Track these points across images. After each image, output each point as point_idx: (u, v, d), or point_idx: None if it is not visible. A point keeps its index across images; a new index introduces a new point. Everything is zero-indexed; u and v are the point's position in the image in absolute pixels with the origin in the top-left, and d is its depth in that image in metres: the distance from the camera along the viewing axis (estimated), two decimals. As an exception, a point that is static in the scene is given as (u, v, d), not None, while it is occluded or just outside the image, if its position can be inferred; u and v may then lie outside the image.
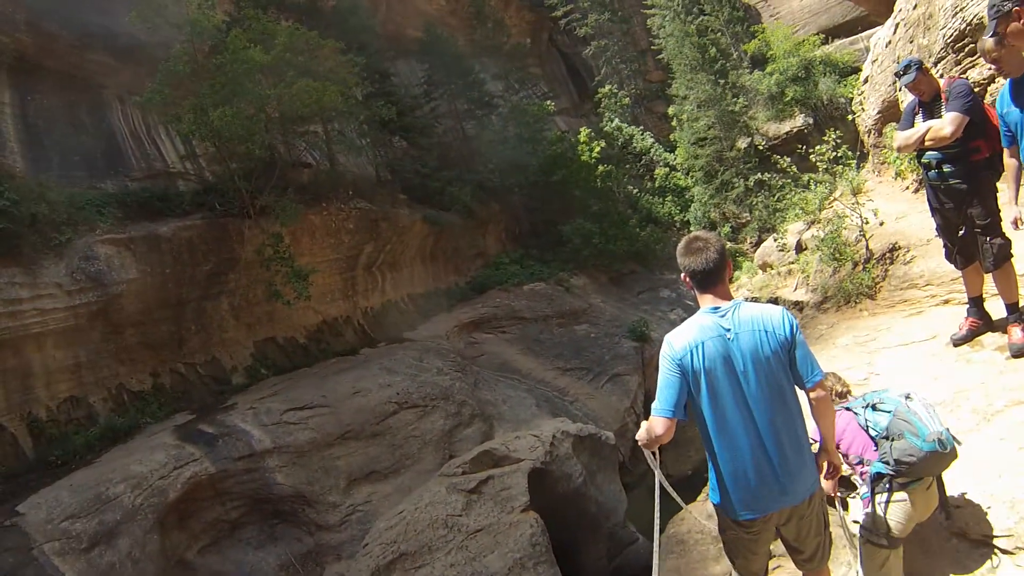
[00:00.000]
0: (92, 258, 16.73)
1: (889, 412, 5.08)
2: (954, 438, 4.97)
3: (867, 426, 5.20)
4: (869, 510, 5.10)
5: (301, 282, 19.99)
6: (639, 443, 4.30)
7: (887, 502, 5.00)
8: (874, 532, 5.04)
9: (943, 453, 4.82)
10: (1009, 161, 6.06)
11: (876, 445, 5.10)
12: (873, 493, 5.03)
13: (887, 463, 4.96)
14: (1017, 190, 6.06)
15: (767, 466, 4.12)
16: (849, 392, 6.07)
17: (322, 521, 15.74)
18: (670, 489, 4.83)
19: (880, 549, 5.02)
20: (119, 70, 20.92)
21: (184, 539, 14.40)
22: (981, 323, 7.54)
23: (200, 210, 20.01)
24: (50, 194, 16.89)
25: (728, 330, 4.15)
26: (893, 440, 4.96)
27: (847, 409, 5.39)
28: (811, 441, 4.70)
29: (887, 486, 4.99)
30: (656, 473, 4.61)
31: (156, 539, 13.35)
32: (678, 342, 4.22)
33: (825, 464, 4.55)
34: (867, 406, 5.28)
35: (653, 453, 4.41)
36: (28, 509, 12.61)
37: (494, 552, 11.65)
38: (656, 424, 4.18)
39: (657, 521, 4.72)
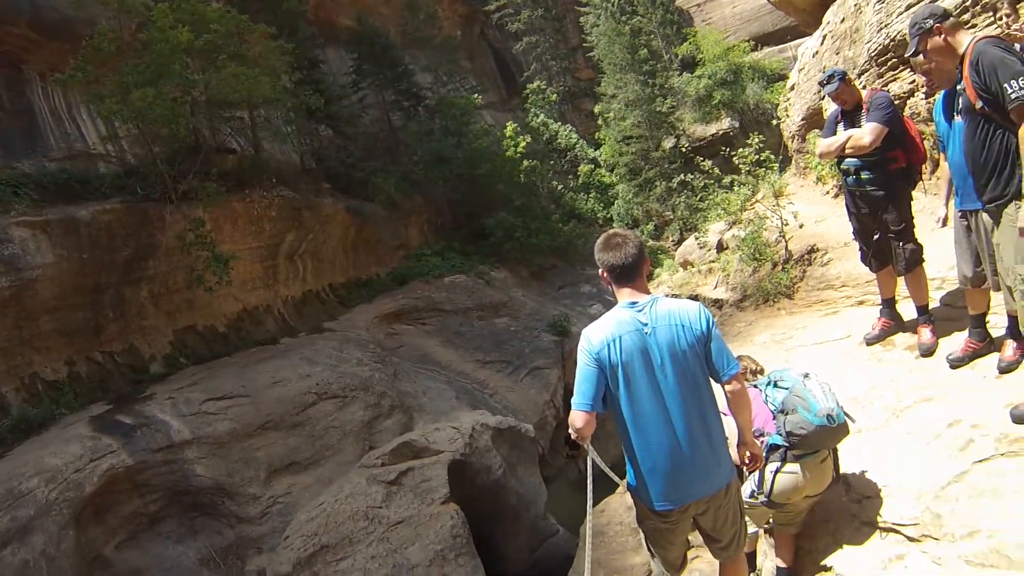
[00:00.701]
0: (6, 241, 16.08)
1: (787, 389, 5.44)
2: (847, 415, 5.38)
3: (767, 401, 5.54)
4: (758, 475, 5.43)
5: (222, 267, 19.66)
6: (572, 437, 4.44)
7: (777, 471, 5.34)
8: (757, 492, 5.44)
9: (832, 427, 5.19)
10: (944, 166, 6.37)
11: (775, 419, 5.44)
12: (767, 462, 5.33)
13: (781, 435, 5.33)
14: (948, 193, 6.47)
15: (683, 458, 4.26)
16: (762, 371, 6.39)
17: (243, 513, 15.59)
18: (607, 469, 4.99)
19: (756, 506, 5.40)
20: (42, 45, 20.19)
21: (101, 534, 14.07)
22: (893, 323, 7.91)
23: (121, 194, 19.48)
24: (-39, 173, 16.38)
25: (645, 324, 4.28)
26: (787, 414, 5.32)
27: (755, 386, 5.68)
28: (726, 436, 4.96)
29: (781, 456, 5.32)
30: (589, 461, 4.77)
31: (72, 535, 13.01)
32: (595, 336, 4.33)
33: (746, 454, 4.74)
34: (770, 383, 5.63)
35: (575, 443, 4.53)
36: (-65, 506, 12.25)
37: (415, 544, 11.70)
38: (576, 418, 4.33)
39: (591, 506, 4.90)
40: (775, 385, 5.59)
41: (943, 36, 5.28)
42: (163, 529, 15.05)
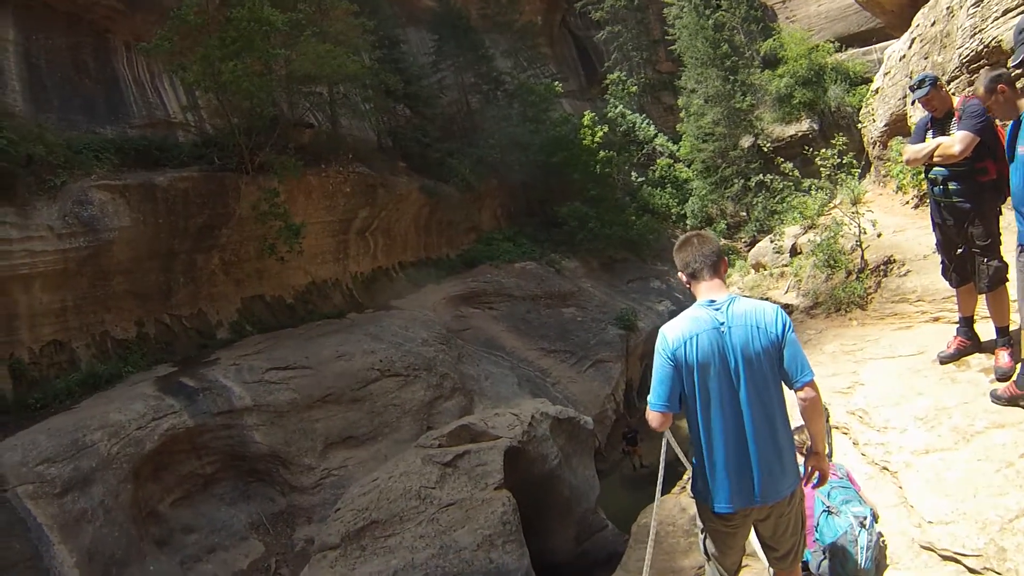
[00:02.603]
0: (86, 203, 16.55)
1: (841, 529, 5.55)
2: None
3: (816, 523, 5.63)
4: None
5: (293, 236, 19.95)
6: (652, 427, 4.38)
7: None
8: None
9: None
10: None
11: (815, 538, 5.58)
12: None
13: (810, 559, 5.53)
14: None
15: (749, 462, 4.16)
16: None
17: (296, 483, 15.83)
18: (681, 454, 4.90)
19: None
20: (127, 16, 20.64)
21: (157, 491, 14.41)
22: (970, 343, 7.53)
23: (198, 162, 19.86)
24: (48, 136, 16.78)
25: (722, 324, 4.17)
26: (828, 557, 5.50)
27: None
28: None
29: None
30: (664, 446, 4.68)
31: (130, 489, 13.37)
32: (672, 334, 4.24)
33: (811, 469, 4.59)
34: (825, 510, 5.69)
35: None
36: (3, 451, 12.60)
37: (464, 527, 11.69)
38: (652, 417, 4.28)
39: (659, 493, 4.82)
40: (829, 513, 5.62)
41: None
42: (217, 491, 15.34)
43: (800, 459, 4.65)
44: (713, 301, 4.26)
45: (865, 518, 5.55)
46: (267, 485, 15.81)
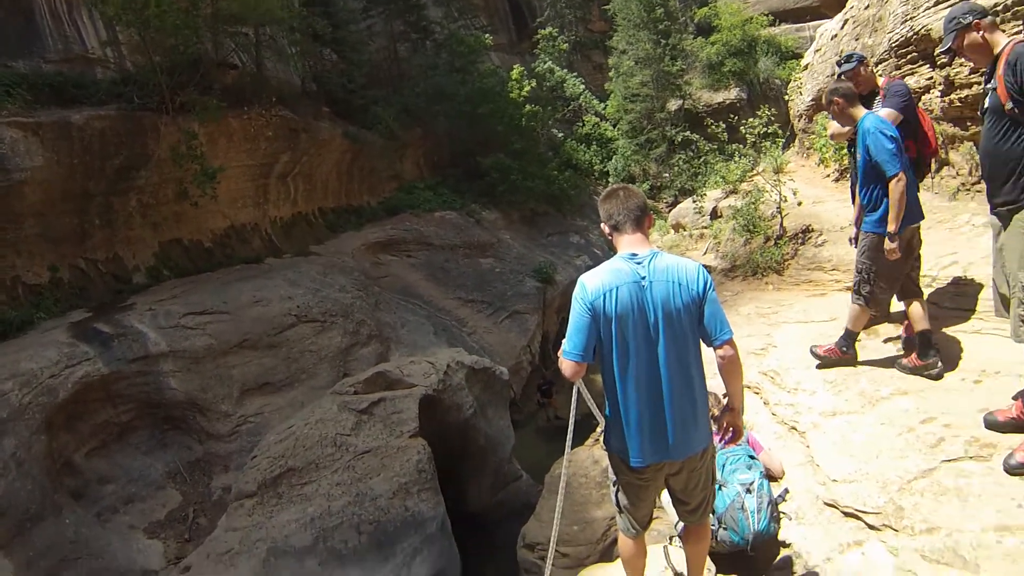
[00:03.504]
0: (-5, 140, 15.97)
1: (729, 498, 5.72)
2: (783, 515, 5.93)
3: None
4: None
5: (208, 181, 19.61)
6: (565, 375, 4.38)
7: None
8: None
9: (746, 549, 5.60)
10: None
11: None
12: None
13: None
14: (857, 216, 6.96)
15: (666, 416, 4.21)
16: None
17: (213, 430, 15.77)
18: (595, 408, 5.00)
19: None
20: (48, -59, 19.88)
21: (72, 441, 14.09)
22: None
23: (117, 101, 19.12)
24: (-48, 68, 16.06)
25: (643, 278, 4.17)
26: (720, 525, 5.68)
27: None
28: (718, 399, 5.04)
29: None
30: (574, 395, 4.81)
31: (43, 440, 13.00)
32: (592, 284, 4.21)
33: (727, 424, 4.72)
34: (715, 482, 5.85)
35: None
36: (-94, 403, 12.20)
37: (380, 475, 11.81)
38: (566, 366, 4.25)
39: (570, 445, 4.95)
40: (719, 488, 5.73)
41: (981, 33, 5.23)
42: (133, 440, 15.15)
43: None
44: (635, 255, 4.26)
45: (752, 483, 5.74)
46: (184, 433, 15.68)
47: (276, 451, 12.17)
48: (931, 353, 6.71)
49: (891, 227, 6.36)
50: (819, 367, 7.58)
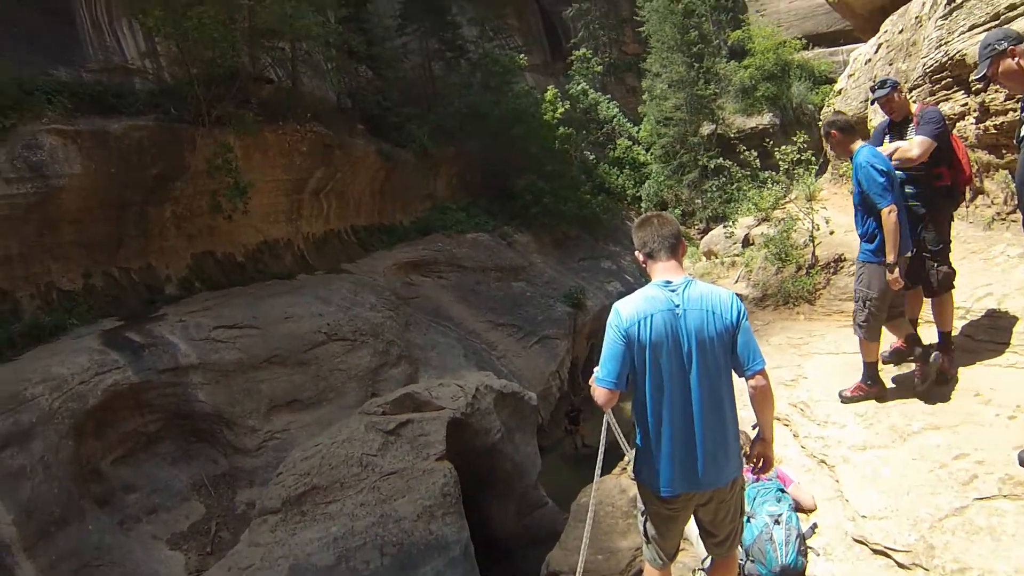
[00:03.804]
0: (36, 147, 16.07)
1: (756, 530, 5.62)
2: (810, 550, 5.69)
3: None
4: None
5: (239, 196, 19.72)
6: (597, 403, 4.32)
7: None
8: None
9: None
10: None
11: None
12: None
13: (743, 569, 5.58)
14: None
15: (697, 445, 4.16)
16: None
17: (239, 444, 15.79)
18: (621, 437, 4.93)
19: None
20: (91, -48, 20.16)
21: (99, 448, 14.21)
22: (912, 345, 7.74)
23: (155, 111, 19.32)
24: (-2, 74, 16.29)
25: (677, 306, 4.14)
26: (748, 558, 5.57)
27: None
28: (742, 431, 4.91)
29: None
30: (604, 426, 4.72)
31: (71, 445, 13.14)
32: (626, 311, 4.18)
33: (757, 455, 4.62)
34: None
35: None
36: (-62, 402, 12.32)
37: (405, 496, 11.72)
38: (599, 394, 4.21)
39: (599, 472, 4.86)
40: (748, 520, 5.63)
41: (1017, 60, 5.13)
42: (159, 450, 15.21)
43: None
44: (669, 282, 4.23)
45: (780, 515, 5.67)
46: (210, 446, 15.72)
47: (302, 468, 12.13)
48: (917, 351, 6.89)
49: (889, 257, 6.47)
50: (845, 401, 7.44)
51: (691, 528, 4.80)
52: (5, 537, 11.34)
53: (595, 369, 4.28)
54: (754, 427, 4.69)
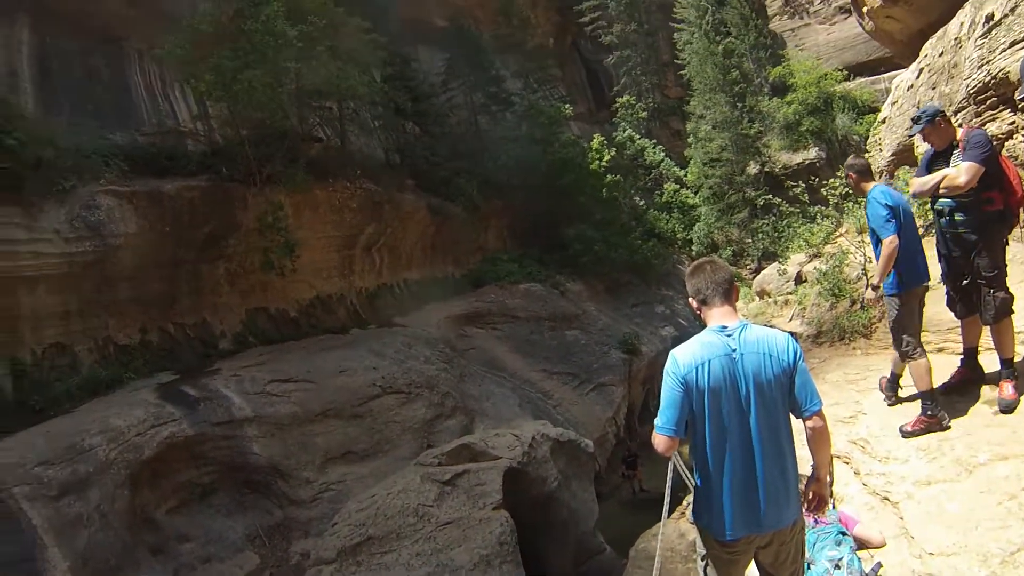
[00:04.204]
0: (94, 207, 16.62)
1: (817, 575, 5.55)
2: None
3: None
4: None
5: (288, 253, 20.09)
6: (657, 450, 4.30)
7: None
8: None
9: None
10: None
11: None
12: None
13: None
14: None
15: (759, 488, 4.13)
16: None
17: (294, 496, 15.76)
18: (687, 476, 4.85)
19: None
20: (141, 23, 20.77)
21: (154, 498, 14.33)
22: (973, 374, 7.52)
23: (206, 172, 19.88)
24: (58, 139, 16.77)
25: (734, 350, 4.14)
26: None
27: None
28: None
29: None
30: (671, 469, 4.64)
31: (126, 495, 13.31)
32: (684, 358, 4.18)
33: (812, 495, 4.55)
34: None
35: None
36: (1, 451, 12.55)
37: (461, 546, 11.62)
38: (659, 441, 4.20)
39: (666, 513, 4.75)
40: (807, 567, 5.50)
41: None
42: (214, 501, 15.27)
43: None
44: (725, 327, 4.22)
45: (840, 559, 5.54)
46: (264, 497, 15.72)
47: (357, 519, 12.11)
48: (930, 410, 7.02)
49: (875, 280, 7.17)
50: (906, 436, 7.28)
51: (752, 572, 4.67)
52: (60, 584, 11.40)
53: (656, 418, 4.25)
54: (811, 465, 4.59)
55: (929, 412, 7.05)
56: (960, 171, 6.59)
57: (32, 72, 18.42)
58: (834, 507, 6.45)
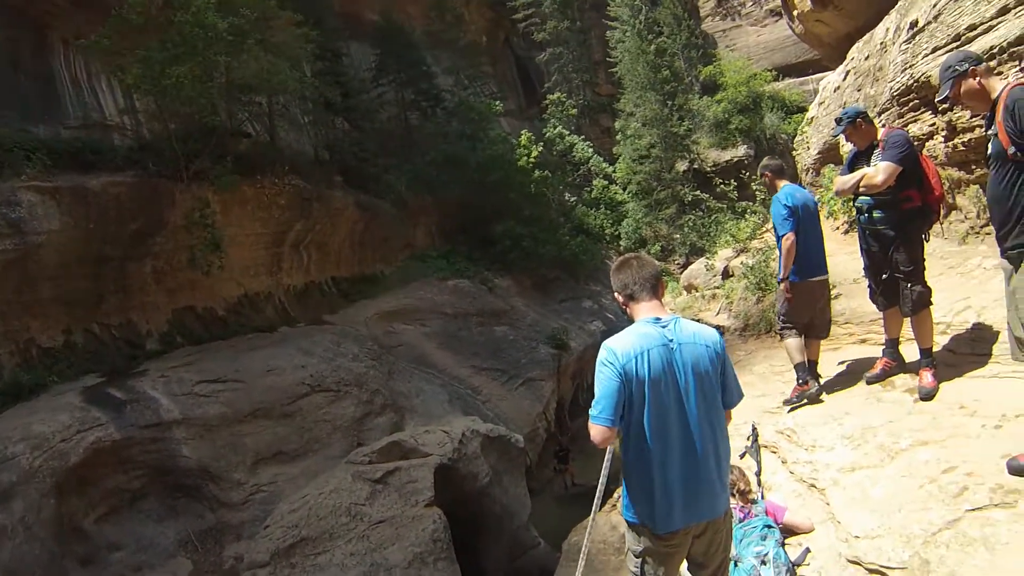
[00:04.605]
0: (14, 204, 16.04)
1: (744, 574, 5.64)
2: None
3: None
4: None
5: (212, 250, 19.79)
6: (594, 442, 4.28)
7: None
8: None
9: None
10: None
11: None
12: None
13: None
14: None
15: (700, 477, 4.17)
16: (750, 492, 6.48)
17: (225, 498, 15.59)
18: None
19: None
20: (68, 12, 20.26)
21: (82, 506, 14.03)
22: (895, 364, 7.77)
23: (133, 167, 19.42)
24: (-24, 132, 16.31)
25: (671, 340, 4.16)
26: None
27: None
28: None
29: None
30: (605, 466, 4.69)
31: (52, 504, 13.00)
32: (621, 348, 4.15)
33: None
34: (731, 558, 5.62)
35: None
36: (-81, 461, 12.21)
37: (395, 544, 11.69)
38: (596, 431, 4.14)
39: (597, 505, 4.83)
40: (734, 564, 5.64)
41: (977, 79, 5.26)
42: (144, 507, 15.02)
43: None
44: (659, 319, 4.27)
45: (766, 554, 5.65)
46: (195, 501, 15.52)
47: (290, 520, 12.11)
48: (802, 378, 8.14)
49: (782, 274, 8.07)
50: (791, 410, 8.14)
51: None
52: (-15, 601, 11.15)
53: (591, 409, 4.20)
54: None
55: (801, 380, 8.12)
56: (877, 171, 6.90)
57: (-50, 61, 17.91)
58: (762, 497, 6.62)
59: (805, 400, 8.05)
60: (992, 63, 8.89)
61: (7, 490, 12.33)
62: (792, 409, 7.99)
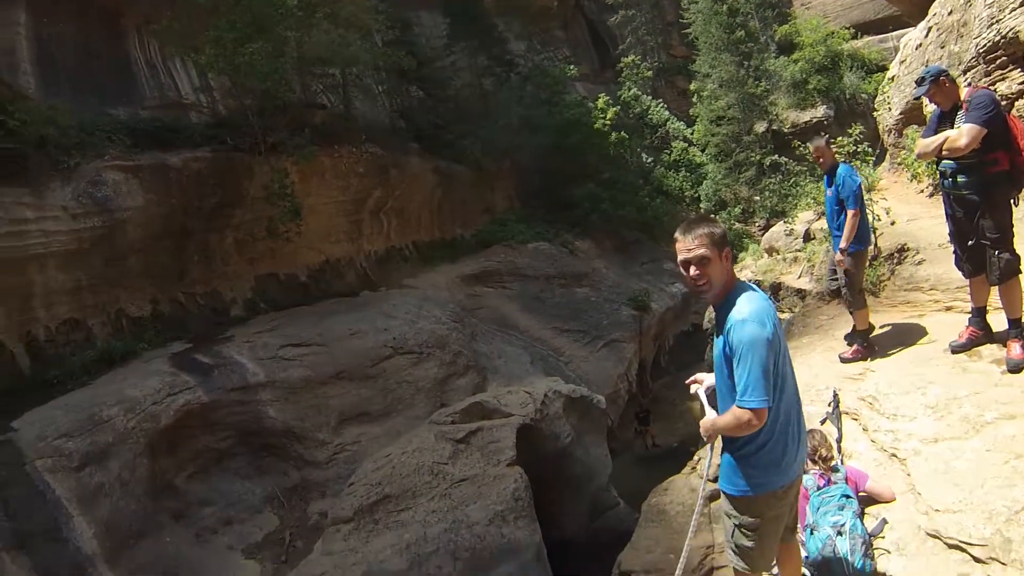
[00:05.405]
0: (99, 183, 16.69)
1: (820, 542, 5.51)
2: (872, 566, 5.43)
3: (804, 537, 5.66)
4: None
5: (292, 218, 20.06)
6: (703, 436, 4.26)
7: None
8: None
9: None
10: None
11: (804, 554, 5.53)
12: None
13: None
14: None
15: (800, 436, 4.27)
16: (832, 458, 6.26)
17: (310, 457, 15.94)
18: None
19: None
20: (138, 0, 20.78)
21: (173, 465, 14.55)
22: (981, 334, 7.47)
23: (211, 143, 19.91)
24: (60, 117, 16.75)
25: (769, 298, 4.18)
26: (813, 573, 5.45)
27: (805, 488, 5.74)
28: None
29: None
30: (709, 458, 4.59)
31: (146, 463, 13.55)
32: (766, 318, 3.93)
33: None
34: (807, 525, 5.67)
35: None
36: (22, 426, 12.78)
37: (476, 502, 11.74)
38: (760, 417, 3.88)
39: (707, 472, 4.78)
40: (810, 532, 5.59)
41: None
42: (231, 465, 15.46)
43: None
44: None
45: (843, 524, 5.50)
46: (281, 460, 15.90)
47: (373, 478, 12.24)
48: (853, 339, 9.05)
49: (843, 244, 8.65)
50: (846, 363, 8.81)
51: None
52: (87, 551, 11.68)
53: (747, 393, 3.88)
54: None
55: (865, 344, 8.82)
56: (960, 133, 6.55)
57: (31, 53, 18.42)
58: (842, 463, 6.49)
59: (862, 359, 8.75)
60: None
61: (104, 450, 12.84)
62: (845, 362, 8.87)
